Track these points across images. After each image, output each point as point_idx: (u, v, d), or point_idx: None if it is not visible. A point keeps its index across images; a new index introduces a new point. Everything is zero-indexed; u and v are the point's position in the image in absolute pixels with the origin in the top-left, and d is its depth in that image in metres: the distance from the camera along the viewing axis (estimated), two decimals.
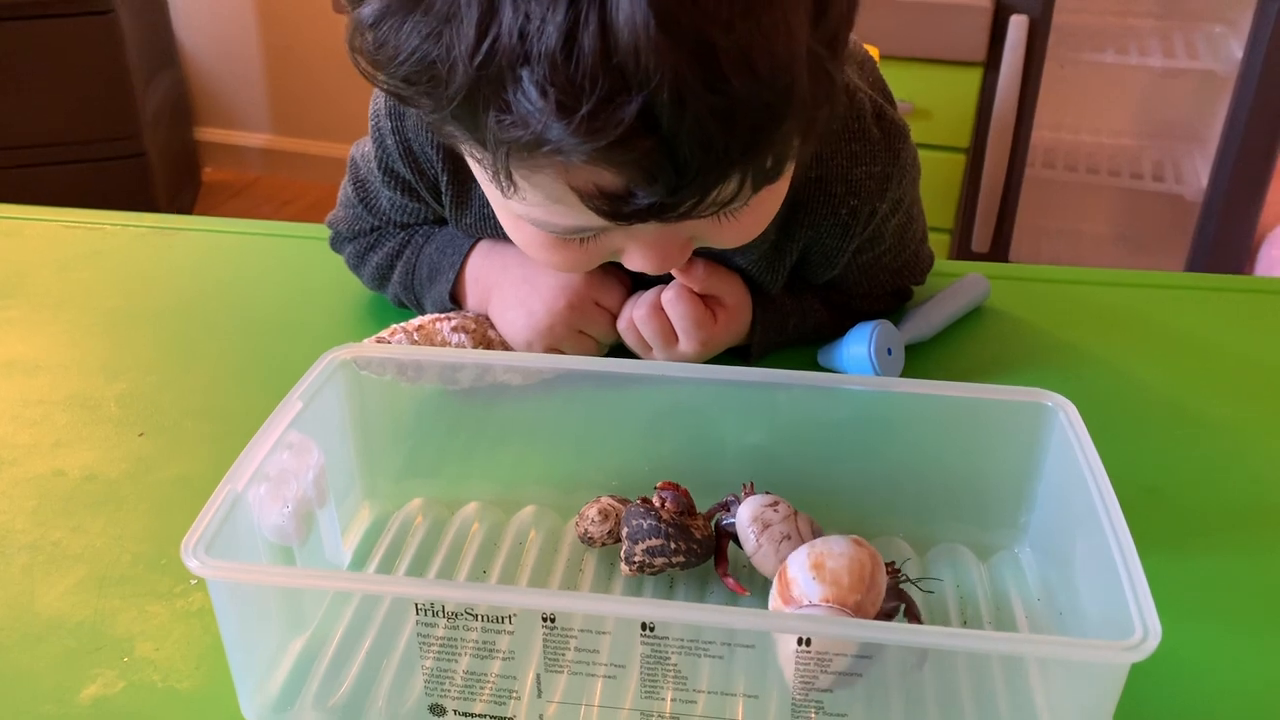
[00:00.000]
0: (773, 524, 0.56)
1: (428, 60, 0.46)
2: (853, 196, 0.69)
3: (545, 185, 0.50)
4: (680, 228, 0.57)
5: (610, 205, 0.49)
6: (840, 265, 0.74)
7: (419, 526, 0.62)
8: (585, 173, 0.48)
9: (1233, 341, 0.82)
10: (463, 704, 0.49)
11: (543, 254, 0.60)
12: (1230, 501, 0.66)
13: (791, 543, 0.55)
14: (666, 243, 0.58)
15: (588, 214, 0.50)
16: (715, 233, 0.58)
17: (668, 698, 0.48)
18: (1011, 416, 0.58)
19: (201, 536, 0.47)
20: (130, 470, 0.67)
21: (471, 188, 0.72)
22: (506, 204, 0.56)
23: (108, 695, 0.52)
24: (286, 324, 0.83)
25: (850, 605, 0.49)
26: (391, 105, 0.70)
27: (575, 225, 0.54)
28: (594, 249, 0.59)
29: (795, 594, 0.50)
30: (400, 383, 0.62)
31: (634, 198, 0.48)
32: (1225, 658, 0.55)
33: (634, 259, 0.59)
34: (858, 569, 0.50)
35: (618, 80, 0.43)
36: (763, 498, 0.58)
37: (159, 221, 0.99)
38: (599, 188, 0.48)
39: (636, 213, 0.49)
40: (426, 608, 0.47)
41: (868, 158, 0.69)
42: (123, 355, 0.79)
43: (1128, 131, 2.19)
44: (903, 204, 0.74)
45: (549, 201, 0.51)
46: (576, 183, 0.49)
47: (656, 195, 0.47)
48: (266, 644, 0.52)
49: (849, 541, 0.52)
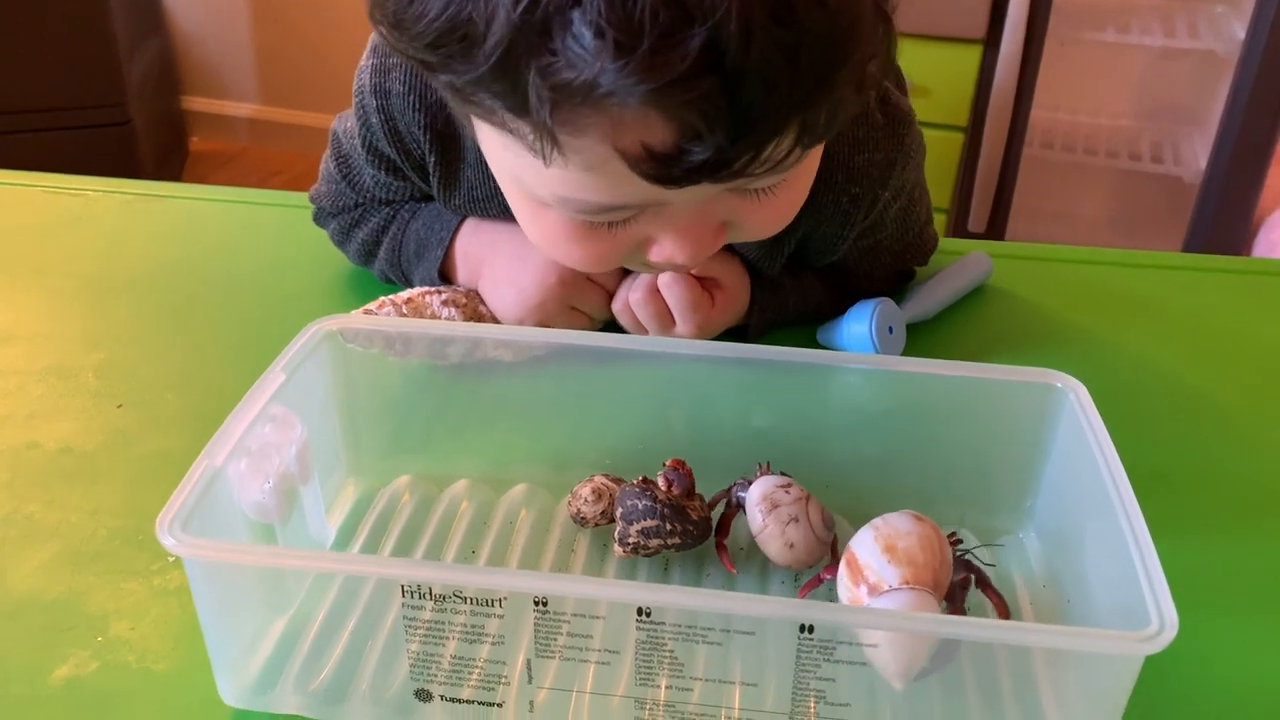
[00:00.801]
0: (781, 505, 0.54)
1: (461, 17, 0.44)
2: (854, 184, 0.67)
3: (588, 149, 0.47)
4: (716, 208, 0.55)
5: (659, 167, 0.46)
6: (841, 251, 0.72)
7: (406, 504, 0.60)
8: (634, 130, 0.46)
9: (1240, 325, 0.80)
10: (450, 689, 0.47)
11: (565, 246, 0.58)
12: (1240, 488, 0.64)
13: (798, 525, 0.54)
14: (700, 228, 0.55)
15: (628, 184, 0.48)
16: (750, 215, 0.56)
17: (662, 685, 0.46)
18: (1019, 397, 0.56)
19: (178, 513, 0.45)
20: (107, 443, 0.65)
21: (460, 169, 0.69)
22: (529, 192, 0.54)
23: (80, 676, 0.50)
24: (272, 295, 0.81)
25: (929, 583, 0.48)
26: (377, 82, 0.67)
27: (610, 202, 0.52)
28: (622, 239, 0.56)
29: (872, 580, 0.48)
30: (388, 356, 0.60)
31: (686, 155, 0.46)
32: (1240, 650, 0.53)
33: (664, 248, 0.56)
34: (928, 545, 0.48)
35: (680, 13, 0.41)
36: (776, 478, 0.56)
37: (143, 188, 0.96)
38: (647, 148, 0.46)
39: (688, 172, 0.46)
40: (413, 589, 0.45)
41: (870, 144, 0.67)
42: (102, 325, 0.77)
43: (1127, 112, 2.17)
44: (905, 189, 0.72)
45: (589, 171, 0.49)
46: (623, 143, 0.46)
47: (711, 149, 0.45)
48: (246, 625, 0.50)
49: (910, 518, 0.50)
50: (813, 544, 0.54)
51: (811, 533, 0.54)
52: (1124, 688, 0.43)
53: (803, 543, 0.54)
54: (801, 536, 0.54)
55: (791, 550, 0.54)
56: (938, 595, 0.48)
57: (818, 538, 0.54)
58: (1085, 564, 0.51)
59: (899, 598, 0.47)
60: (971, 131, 2.00)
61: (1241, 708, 0.50)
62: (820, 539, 0.54)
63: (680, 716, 0.47)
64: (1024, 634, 0.44)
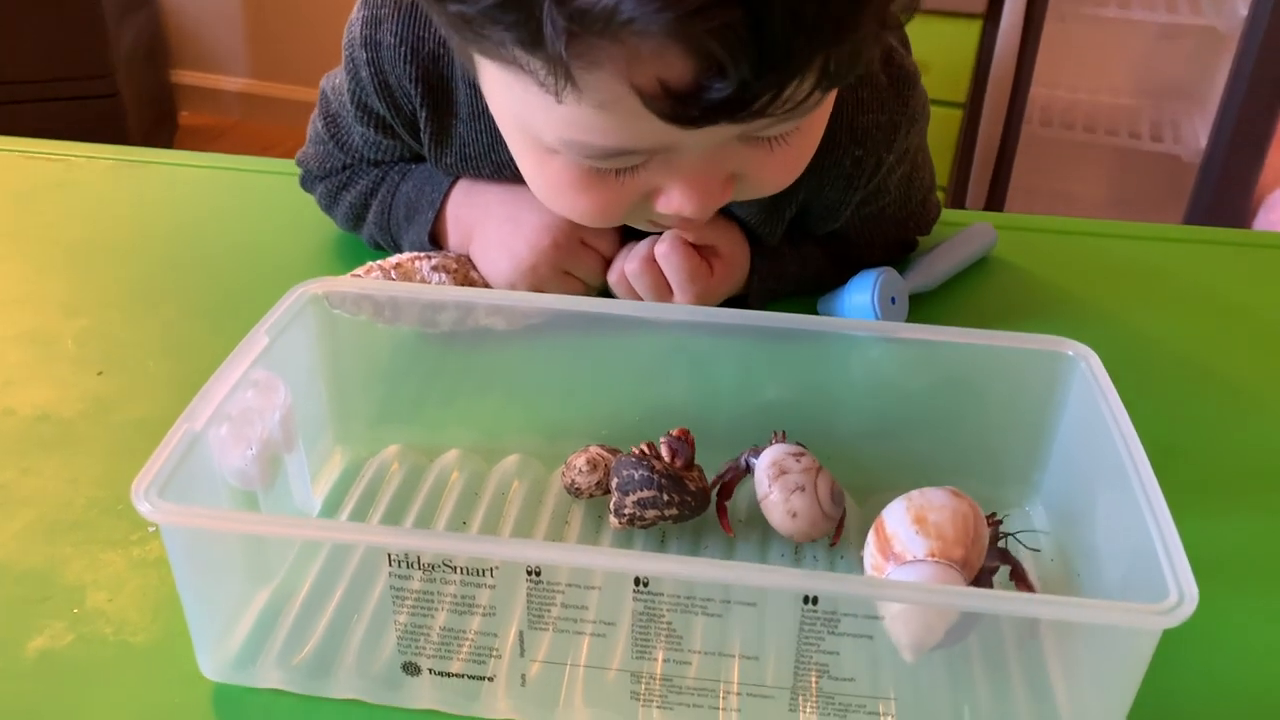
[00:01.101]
0: (789, 473, 0.53)
1: None
2: (857, 146, 0.65)
3: (603, 85, 0.45)
4: (727, 158, 0.53)
5: (676, 105, 0.44)
6: (843, 218, 0.70)
7: (395, 474, 0.59)
8: (652, 65, 0.44)
9: (1246, 297, 0.79)
10: (439, 662, 0.46)
11: (570, 196, 0.56)
12: (1250, 461, 0.63)
13: (804, 495, 0.52)
14: (709, 178, 0.54)
15: (641, 126, 0.46)
16: (761, 166, 0.54)
17: (659, 658, 0.44)
18: (1028, 365, 0.54)
19: (155, 478, 0.43)
20: (87, 410, 0.63)
21: (452, 125, 0.67)
22: (535, 137, 0.52)
23: (55, 648, 0.49)
24: (258, 262, 0.78)
25: (957, 560, 0.46)
26: (368, 34, 0.65)
27: (620, 145, 0.50)
28: (629, 188, 0.54)
29: (897, 549, 0.47)
30: (377, 324, 0.58)
31: (705, 92, 0.44)
32: (1255, 625, 0.52)
33: (672, 199, 0.54)
34: (961, 521, 0.47)
35: None
36: (789, 446, 0.54)
37: (126, 154, 0.94)
38: (665, 84, 0.44)
39: (706, 111, 0.44)
40: (400, 559, 0.43)
41: (875, 105, 0.65)
42: (83, 291, 0.75)
43: (1127, 90, 2.15)
44: (909, 154, 0.70)
45: (601, 110, 0.47)
46: (640, 80, 0.44)
47: (733, 84, 0.43)
48: (227, 596, 0.49)
49: (947, 493, 0.48)
50: (817, 516, 0.52)
51: (817, 504, 0.52)
52: (1139, 664, 0.41)
53: (806, 513, 0.52)
54: (805, 507, 0.52)
55: (794, 520, 0.52)
56: (965, 574, 0.46)
57: (823, 510, 0.53)
58: (1097, 536, 0.50)
59: (921, 570, 0.46)
60: (970, 108, 1.97)
61: (1263, 682, 0.49)
62: (825, 513, 0.53)
63: (678, 690, 0.45)
64: (1038, 606, 0.43)
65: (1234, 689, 0.49)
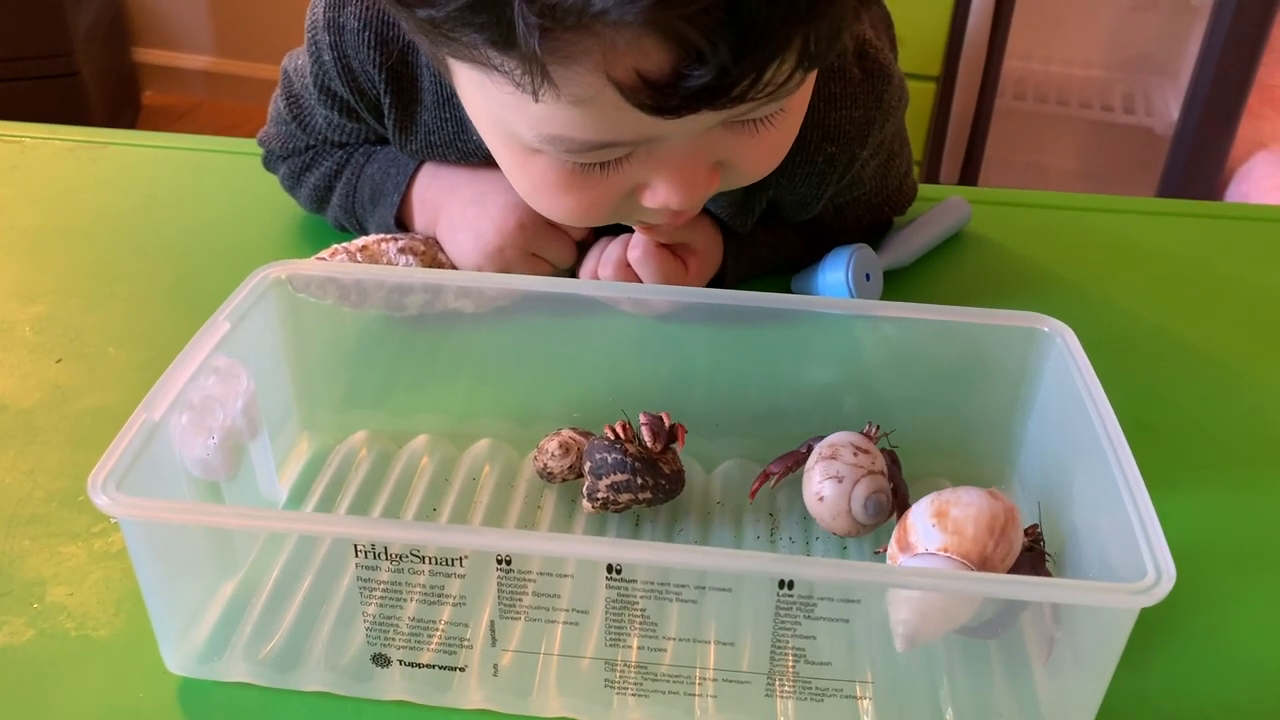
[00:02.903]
0: (838, 459, 0.52)
1: None
2: (830, 143, 0.64)
3: (580, 81, 0.44)
4: (711, 146, 0.52)
5: (656, 96, 0.43)
6: (816, 210, 0.69)
7: (362, 461, 0.57)
8: (629, 57, 0.43)
9: (1219, 270, 0.79)
10: (409, 653, 0.45)
11: (556, 196, 0.54)
12: (1226, 436, 0.62)
13: (838, 486, 0.51)
14: (694, 169, 0.52)
15: (621, 118, 0.45)
16: (746, 152, 0.53)
17: (634, 645, 0.44)
18: (1003, 342, 0.54)
19: (113, 470, 0.42)
20: (45, 400, 0.61)
21: (417, 112, 0.66)
22: (515, 137, 0.50)
23: (14, 645, 0.47)
24: (220, 245, 0.77)
25: (974, 558, 0.44)
26: (330, 16, 0.63)
27: (601, 139, 0.48)
28: (614, 184, 0.53)
29: (912, 539, 0.46)
30: (342, 307, 0.57)
31: (684, 81, 0.43)
32: (1231, 601, 0.52)
33: (659, 192, 0.53)
34: (987, 520, 0.45)
35: None
36: (859, 439, 0.53)
37: (82, 135, 0.91)
38: (643, 76, 0.43)
39: (687, 99, 0.43)
40: (367, 549, 0.42)
41: (848, 100, 0.64)
42: (40, 276, 0.73)
43: (1099, 62, 2.15)
44: (884, 145, 0.69)
45: (579, 105, 0.45)
46: (617, 73, 0.43)
47: (710, 72, 0.42)
48: (191, 589, 0.47)
49: (983, 494, 0.47)
50: (842, 513, 0.51)
51: (846, 502, 0.51)
52: (1116, 643, 0.41)
53: (832, 505, 0.51)
54: (835, 498, 0.51)
55: (820, 503, 0.52)
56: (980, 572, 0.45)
57: (851, 511, 0.51)
58: (1074, 515, 0.49)
59: (928, 563, 0.45)
60: (944, 81, 1.97)
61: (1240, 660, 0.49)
62: (853, 515, 0.51)
63: (653, 678, 0.44)
64: (1016, 587, 0.42)
65: (1211, 665, 0.49)
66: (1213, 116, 1.90)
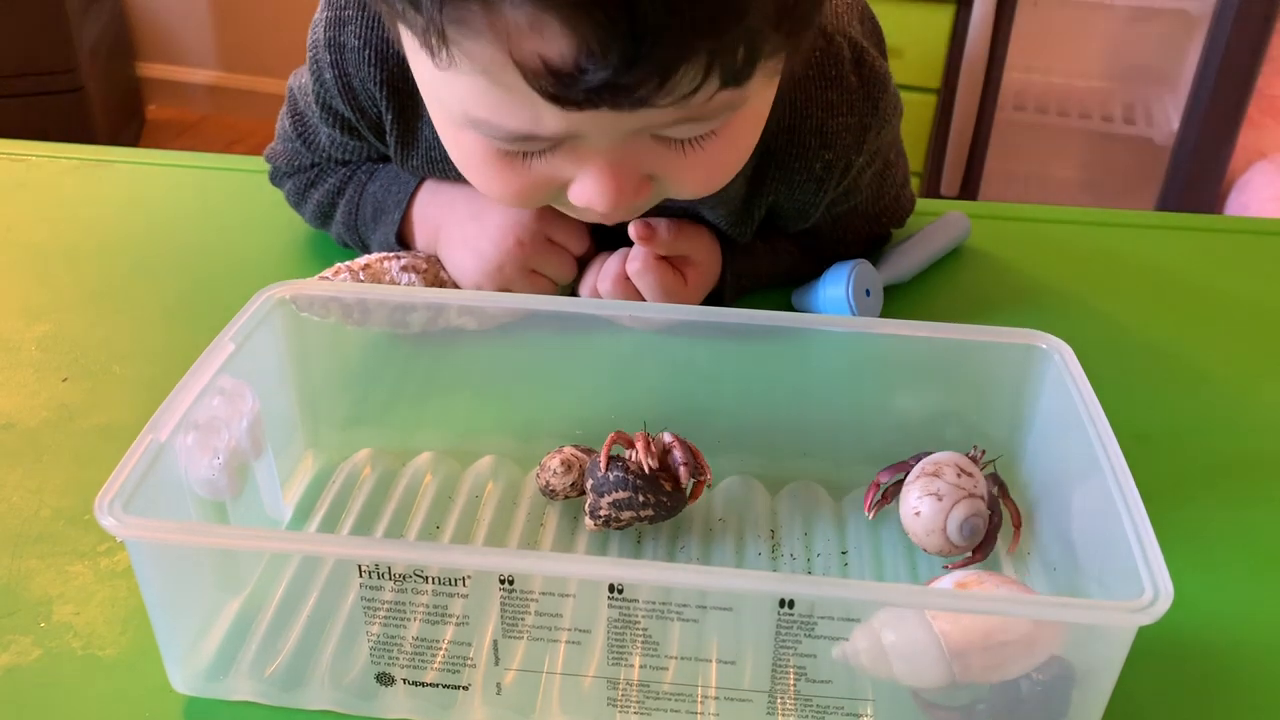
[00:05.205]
0: (940, 477, 0.52)
1: None
2: (827, 149, 0.65)
3: (484, 54, 0.45)
4: (640, 156, 0.52)
5: (557, 85, 0.44)
6: (814, 219, 0.69)
7: (366, 479, 0.58)
8: (531, 39, 0.43)
9: (1218, 283, 0.79)
10: (412, 672, 0.45)
11: (484, 174, 0.55)
12: (1225, 450, 0.63)
13: (936, 504, 0.52)
14: (621, 174, 0.52)
15: (535, 110, 0.46)
16: (677, 170, 0.53)
17: (636, 664, 0.44)
18: (1002, 359, 0.54)
19: (119, 491, 0.43)
20: (51, 418, 0.62)
21: (419, 127, 0.66)
22: (445, 109, 0.51)
23: (21, 664, 0.48)
24: (226, 263, 0.77)
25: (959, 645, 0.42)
26: (331, 35, 0.64)
27: (518, 129, 0.49)
28: (539, 174, 0.53)
29: None
30: (345, 326, 0.57)
31: (584, 74, 0.43)
32: (1227, 616, 0.52)
33: (584, 189, 0.53)
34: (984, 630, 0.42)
35: None
36: (965, 461, 0.53)
37: (88, 153, 0.92)
38: (545, 62, 0.43)
39: (588, 94, 0.44)
40: (371, 569, 0.43)
41: (844, 108, 0.64)
42: (46, 295, 0.73)
43: (1099, 73, 2.15)
44: (880, 153, 0.69)
45: (489, 82, 0.46)
46: (520, 54, 0.44)
47: (606, 68, 0.42)
48: (196, 609, 0.48)
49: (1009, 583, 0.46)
50: (936, 530, 0.52)
51: (943, 520, 0.51)
52: (1115, 661, 0.41)
53: (927, 522, 0.52)
54: (931, 515, 0.52)
55: (916, 518, 0.52)
56: None
57: (946, 530, 0.52)
58: (1072, 531, 0.50)
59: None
60: (944, 93, 1.97)
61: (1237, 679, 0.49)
62: (948, 535, 0.52)
63: (655, 696, 0.45)
64: (1013, 605, 0.42)
65: (1208, 680, 0.49)
66: (1213, 126, 1.91)
